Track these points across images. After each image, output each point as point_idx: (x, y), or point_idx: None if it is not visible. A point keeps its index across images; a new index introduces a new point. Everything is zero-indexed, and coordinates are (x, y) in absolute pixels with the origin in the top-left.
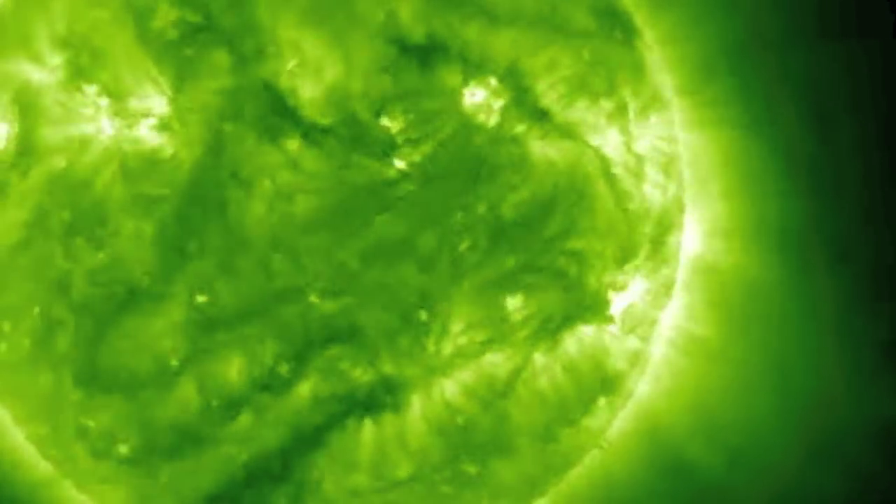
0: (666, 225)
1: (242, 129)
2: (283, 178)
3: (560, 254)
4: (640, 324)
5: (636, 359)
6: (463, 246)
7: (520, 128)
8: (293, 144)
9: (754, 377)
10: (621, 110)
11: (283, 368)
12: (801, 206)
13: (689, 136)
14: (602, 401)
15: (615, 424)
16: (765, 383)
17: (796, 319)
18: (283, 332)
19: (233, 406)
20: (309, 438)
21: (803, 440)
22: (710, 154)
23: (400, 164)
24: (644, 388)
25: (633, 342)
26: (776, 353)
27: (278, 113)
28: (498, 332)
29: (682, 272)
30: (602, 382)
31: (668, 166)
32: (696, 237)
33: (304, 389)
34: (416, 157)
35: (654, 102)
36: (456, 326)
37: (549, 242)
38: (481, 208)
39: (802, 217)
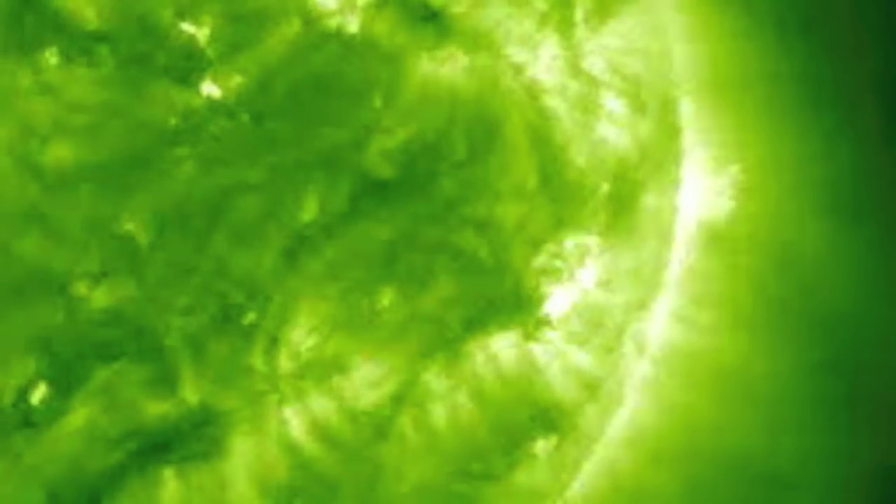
0: (634, 181)
1: None
2: (36, 109)
3: (461, 223)
4: (598, 330)
5: (595, 384)
6: (308, 211)
7: (398, 36)
8: (50, 60)
9: (787, 410)
10: (562, 11)
11: (41, 395)
12: (860, 151)
13: (681, 49)
14: (540, 445)
15: (574, 485)
16: (804, 419)
17: (852, 322)
18: (38, 340)
19: None
20: (82, 498)
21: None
22: (716, 74)
23: (211, 89)
24: (617, 430)
25: (585, 358)
26: (822, 373)
27: (30, 13)
28: (365, 339)
29: (672, 251)
30: (535, 417)
31: (640, 94)
32: (695, 197)
33: (73, 425)
34: (237, 80)
35: None
36: (299, 331)
37: (442, 206)
38: (339, 155)
39: (861, 167)
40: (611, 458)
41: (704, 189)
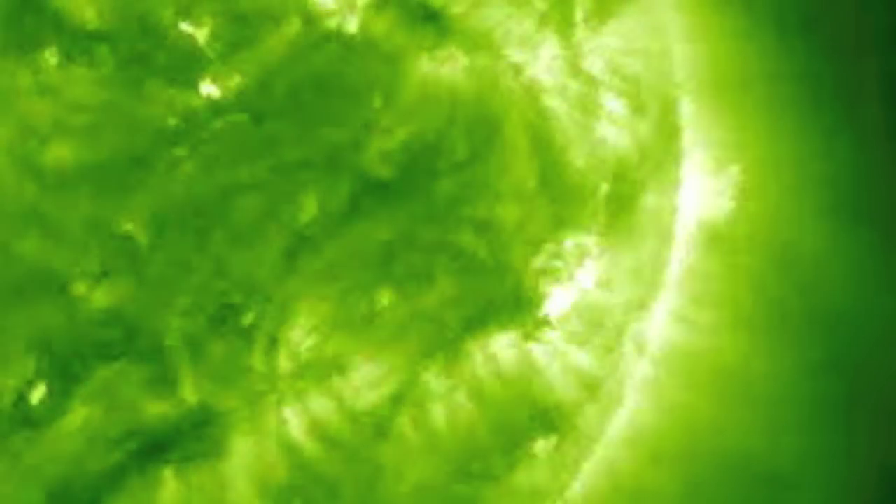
0: (634, 181)
1: None
2: (36, 109)
3: (460, 223)
4: (598, 330)
5: (595, 384)
6: (308, 211)
7: (398, 36)
8: (50, 60)
9: (787, 410)
10: (562, 10)
11: (40, 395)
12: (860, 150)
13: (682, 49)
14: (540, 445)
15: (574, 485)
16: (804, 419)
17: (852, 322)
18: (37, 340)
19: None
20: (82, 498)
21: None
22: (715, 74)
23: (211, 90)
24: (617, 430)
25: (585, 358)
26: (822, 373)
27: (28, 13)
28: (365, 339)
29: (672, 251)
30: (535, 417)
31: (641, 95)
32: (695, 197)
33: (72, 425)
34: (236, 81)
35: None
36: (297, 332)
37: (442, 206)
38: (338, 156)
39: (861, 166)
40: (610, 458)
41: (704, 189)
